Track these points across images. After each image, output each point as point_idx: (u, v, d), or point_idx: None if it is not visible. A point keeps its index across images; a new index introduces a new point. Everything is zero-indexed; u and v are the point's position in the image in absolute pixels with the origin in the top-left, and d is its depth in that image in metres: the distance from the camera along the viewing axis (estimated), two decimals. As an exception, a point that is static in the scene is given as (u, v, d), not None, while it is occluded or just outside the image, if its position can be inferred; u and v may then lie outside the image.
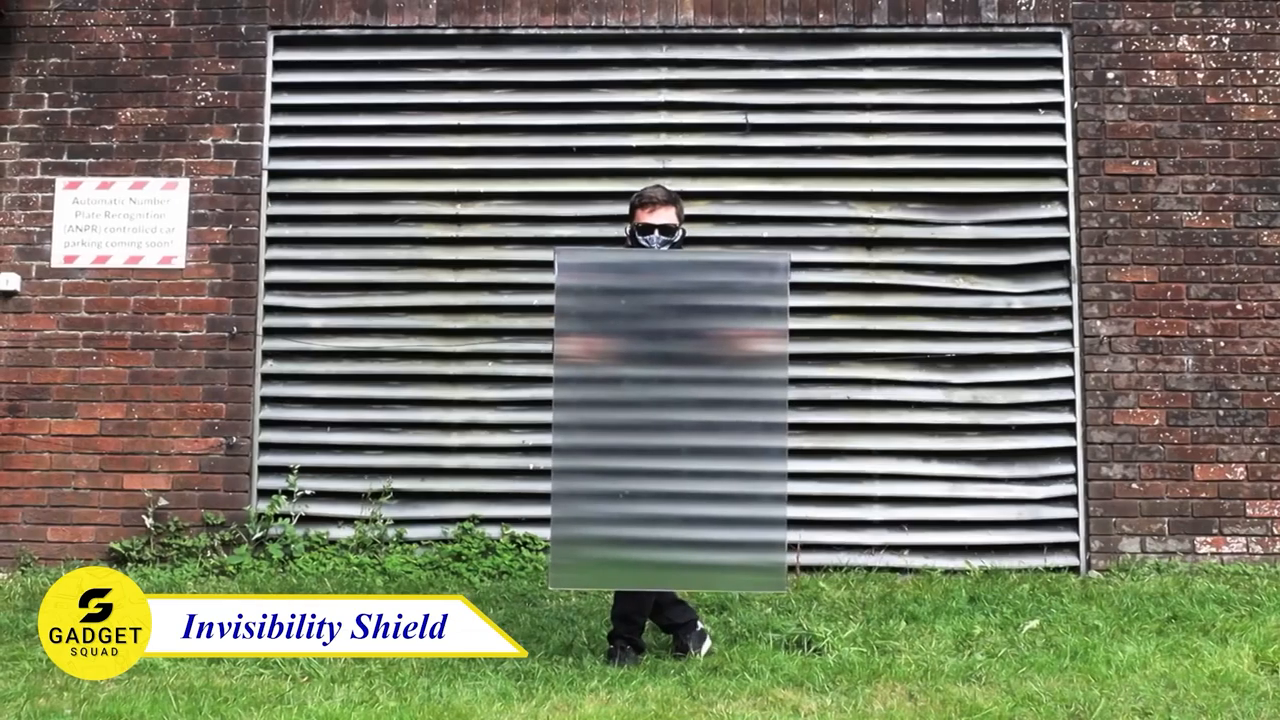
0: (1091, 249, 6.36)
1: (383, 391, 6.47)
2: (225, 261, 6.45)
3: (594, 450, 4.30)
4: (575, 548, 4.29)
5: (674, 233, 4.60)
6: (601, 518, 4.26)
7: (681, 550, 4.29)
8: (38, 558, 6.29)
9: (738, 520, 4.29)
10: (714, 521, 4.28)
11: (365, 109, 6.59)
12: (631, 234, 4.64)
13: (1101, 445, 6.28)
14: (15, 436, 6.38)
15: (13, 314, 6.42)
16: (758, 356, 4.38)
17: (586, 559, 4.30)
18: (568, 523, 4.27)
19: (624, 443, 4.31)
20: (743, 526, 4.29)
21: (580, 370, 4.31)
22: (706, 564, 4.32)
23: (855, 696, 4.15)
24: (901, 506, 6.34)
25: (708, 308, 4.38)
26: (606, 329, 4.31)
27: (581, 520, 4.27)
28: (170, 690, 4.18)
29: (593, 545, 4.29)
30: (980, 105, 6.49)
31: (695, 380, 4.33)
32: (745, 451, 4.35)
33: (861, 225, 6.46)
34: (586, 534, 4.28)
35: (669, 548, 4.28)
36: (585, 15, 6.50)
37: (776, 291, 4.36)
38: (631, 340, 4.31)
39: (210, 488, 6.35)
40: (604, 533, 4.27)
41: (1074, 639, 4.83)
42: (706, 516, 4.28)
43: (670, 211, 4.62)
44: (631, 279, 4.36)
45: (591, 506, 4.26)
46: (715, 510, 4.29)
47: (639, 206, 4.64)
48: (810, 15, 6.48)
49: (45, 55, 6.56)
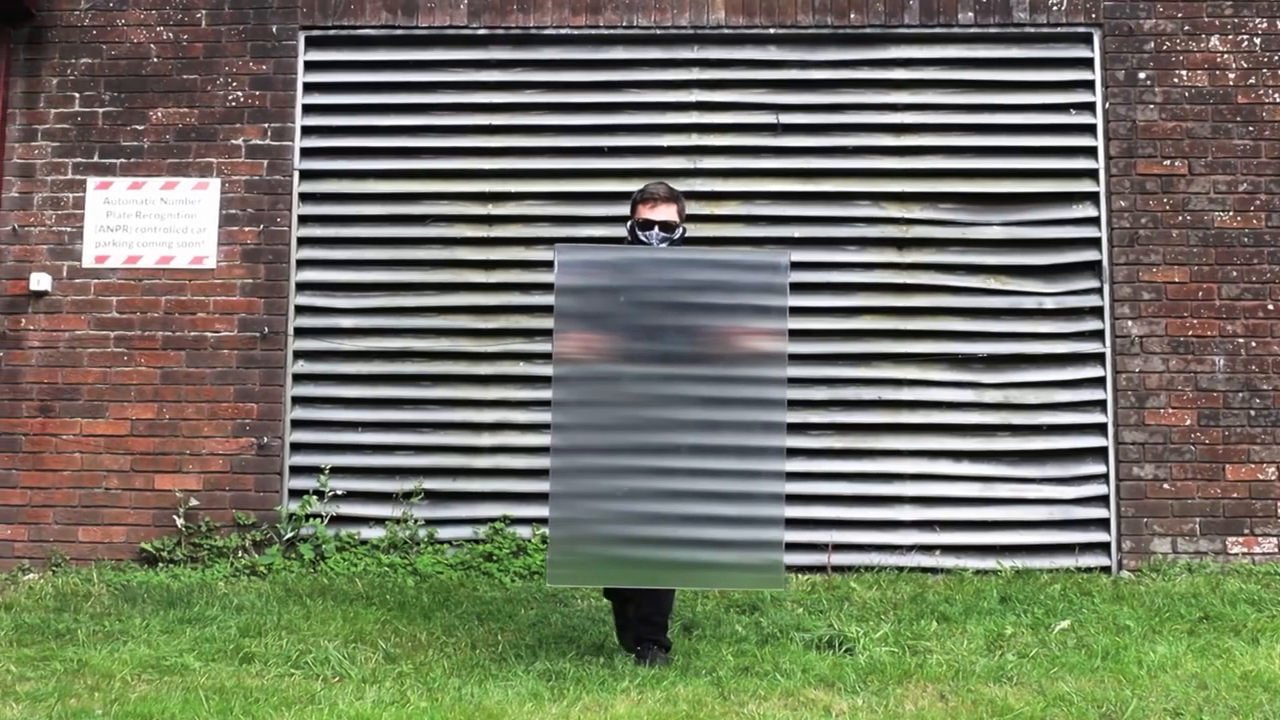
0: (1123, 249, 6.35)
1: (414, 392, 6.46)
2: (256, 261, 6.45)
3: (592, 449, 4.30)
4: (574, 545, 4.29)
5: (674, 229, 4.60)
6: (600, 516, 4.27)
7: (680, 549, 4.28)
8: (69, 558, 6.29)
9: (736, 519, 4.29)
10: (712, 520, 4.28)
11: (396, 109, 6.59)
12: (632, 230, 4.64)
13: (1133, 445, 6.27)
14: (46, 437, 6.38)
15: (44, 314, 6.43)
16: (757, 355, 4.36)
17: (585, 557, 4.30)
18: (566, 522, 4.27)
19: (623, 441, 4.30)
20: (741, 525, 4.29)
21: (579, 369, 4.30)
22: (705, 562, 4.32)
23: (886, 697, 4.15)
24: (933, 507, 6.34)
25: (707, 306, 4.36)
26: (606, 327, 4.31)
27: (580, 519, 4.28)
28: (201, 690, 4.19)
29: (591, 543, 4.29)
30: (1012, 105, 6.49)
31: (694, 379, 4.33)
32: (744, 450, 4.34)
33: (893, 225, 6.46)
34: (585, 532, 4.28)
35: (667, 546, 4.28)
36: (616, 15, 6.50)
37: (776, 290, 4.36)
38: (631, 338, 4.31)
39: (241, 488, 6.35)
40: (603, 531, 4.27)
41: (1105, 639, 4.83)
42: (705, 515, 4.28)
43: (671, 208, 4.62)
44: (630, 277, 4.36)
45: (590, 504, 4.27)
46: (714, 509, 4.29)
47: (640, 202, 4.64)
48: (841, 15, 6.48)
49: (76, 55, 6.56)
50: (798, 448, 6.34)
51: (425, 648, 4.78)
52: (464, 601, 5.53)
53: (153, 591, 5.74)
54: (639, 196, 4.67)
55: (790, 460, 6.23)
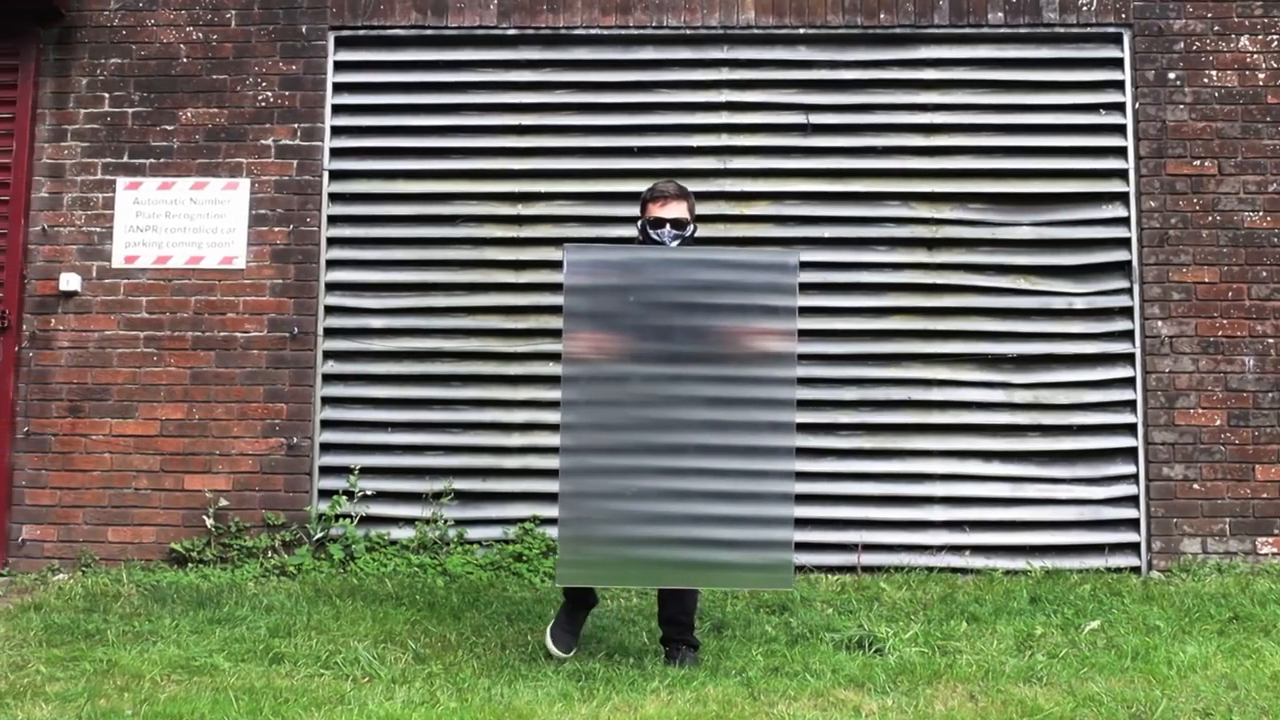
0: (1153, 249, 6.35)
1: (443, 392, 6.46)
2: (286, 262, 6.45)
3: (602, 449, 4.29)
4: (583, 545, 4.29)
5: (685, 227, 4.60)
6: (609, 515, 4.26)
7: (689, 548, 4.28)
8: (98, 558, 6.28)
9: (745, 519, 4.28)
10: (721, 520, 4.27)
11: (426, 109, 6.58)
12: (642, 228, 4.64)
13: (1163, 446, 6.27)
14: (76, 437, 6.38)
15: (73, 314, 6.42)
16: (766, 355, 4.35)
17: (594, 556, 4.30)
18: (575, 521, 4.27)
19: (631, 441, 4.29)
20: (750, 525, 4.28)
21: (588, 369, 4.29)
22: (713, 562, 4.31)
23: (916, 697, 4.15)
24: (963, 507, 6.34)
25: (716, 305, 4.35)
26: (614, 327, 4.30)
27: (589, 518, 4.27)
28: (231, 691, 4.19)
29: (601, 543, 4.28)
30: (1041, 105, 6.49)
31: (703, 379, 4.32)
32: (753, 450, 4.32)
33: (922, 226, 6.46)
34: (594, 532, 4.28)
35: (676, 545, 4.28)
36: (646, 15, 6.50)
37: (785, 290, 4.33)
38: (639, 338, 4.30)
39: (271, 488, 6.35)
40: (612, 530, 4.26)
41: (1135, 639, 4.83)
42: (714, 515, 4.27)
43: (682, 206, 4.61)
44: (639, 277, 4.34)
45: (599, 504, 4.26)
46: (722, 509, 4.28)
47: (650, 200, 4.63)
48: (871, 15, 6.47)
49: (106, 55, 6.55)
50: (828, 448, 6.37)
51: (455, 648, 4.78)
52: (494, 602, 5.52)
53: (182, 592, 5.74)
54: (649, 195, 4.66)
55: (820, 460, 6.36)
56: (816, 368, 6.39)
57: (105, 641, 4.90)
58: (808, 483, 6.31)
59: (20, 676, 4.42)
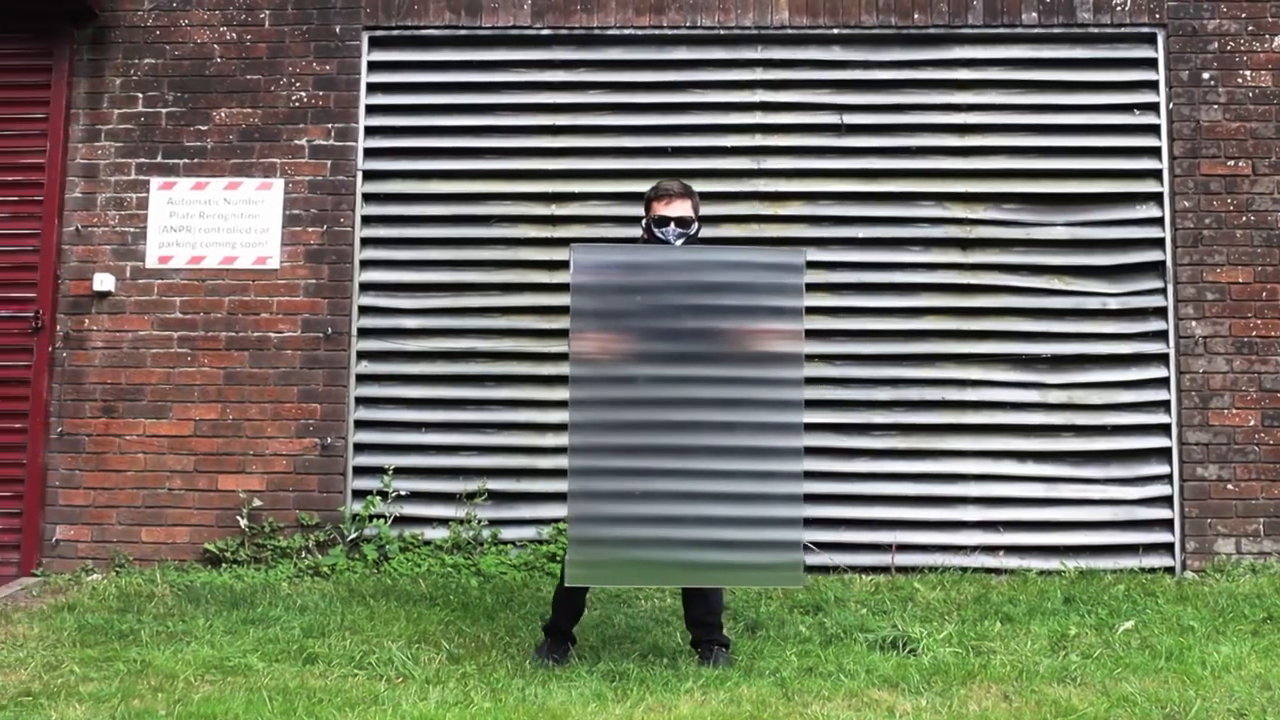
0: (1186, 249, 6.35)
1: (477, 392, 6.46)
2: (320, 262, 6.45)
3: (609, 449, 4.28)
4: (592, 545, 4.28)
5: (690, 225, 4.59)
6: (618, 516, 4.26)
7: (698, 549, 4.28)
8: (132, 558, 6.28)
9: (753, 520, 4.28)
10: (729, 522, 4.27)
11: (460, 109, 6.58)
12: (647, 226, 4.63)
13: (1197, 446, 6.27)
14: (110, 437, 6.38)
15: (107, 314, 6.42)
16: (772, 356, 4.34)
17: (604, 556, 4.29)
18: (585, 521, 4.26)
19: (639, 442, 4.30)
20: (758, 526, 4.28)
21: (595, 369, 4.28)
22: (723, 563, 4.31)
23: (950, 697, 4.15)
24: (997, 507, 6.33)
25: (722, 305, 4.34)
26: (621, 327, 4.29)
27: (598, 519, 4.26)
28: (265, 691, 4.19)
29: (610, 543, 4.28)
30: (1075, 106, 6.49)
31: (710, 380, 4.31)
32: (760, 451, 4.31)
33: (956, 226, 6.45)
34: (603, 533, 4.27)
35: (685, 546, 4.27)
36: (680, 15, 6.49)
37: (791, 290, 4.32)
38: (646, 338, 4.29)
39: (305, 488, 6.35)
40: (621, 531, 4.26)
41: (1169, 640, 4.83)
42: (722, 516, 4.27)
43: (686, 204, 4.61)
44: (645, 277, 4.33)
45: (608, 504, 4.26)
46: (731, 510, 4.27)
47: (655, 199, 4.63)
48: (905, 15, 6.47)
49: (140, 55, 6.56)
50: (862, 448, 6.37)
51: (489, 648, 4.78)
52: (527, 602, 5.52)
53: (216, 592, 5.74)
54: (653, 194, 4.66)
55: (854, 461, 6.36)
56: (851, 368, 6.39)
57: (139, 642, 4.90)
58: (842, 483, 6.36)
59: (54, 676, 4.43)
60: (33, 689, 4.27)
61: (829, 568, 6.21)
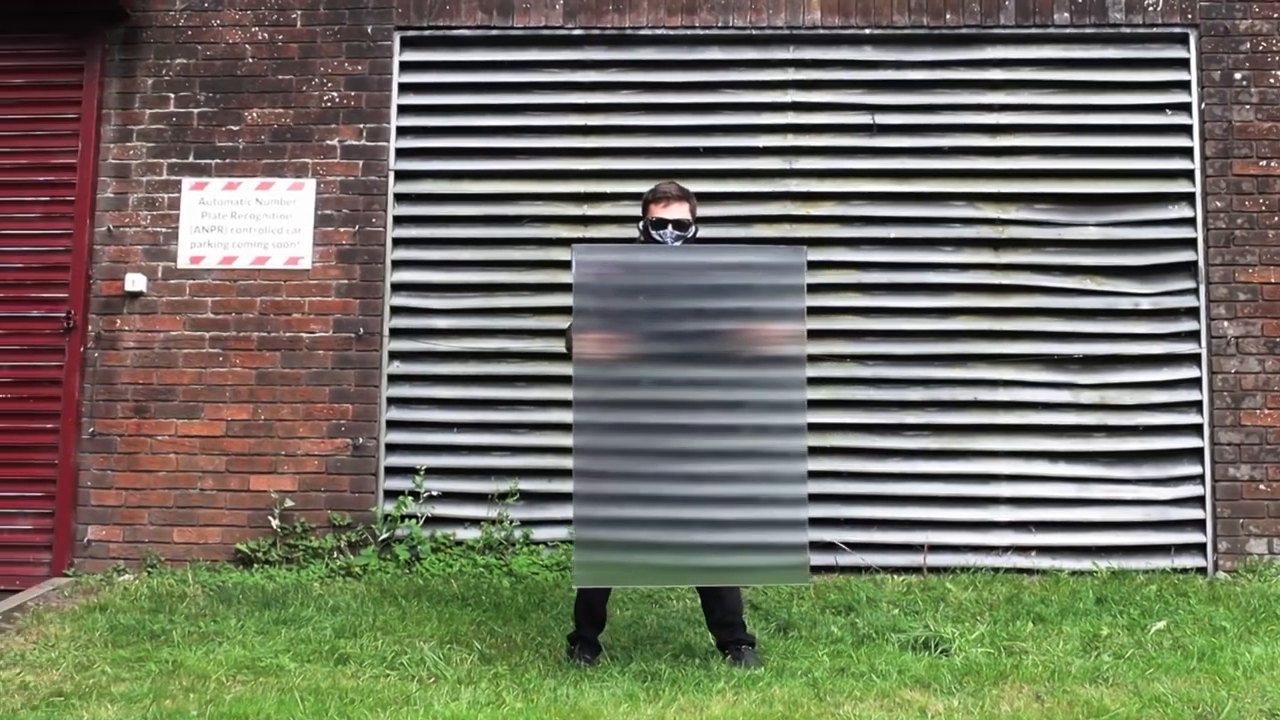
0: (1219, 249, 6.34)
1: (509, 392, 6.46)
2: (352, 262, 6.45)
3: (614, 450, 4.27)
4: (598, 546, 4.27)
5: (687, 228, 4.59)
6: (623, 517, 4.25)
7: (702, 552, 4.28)
8: (164, 559, 6.28)
9: (757, 522, 4.27)
10: (733, 524, 4.26)
11: (491, 109, 6.58)
12: (645, 229, 4.63)
13: (1229, 446, 6.26)
14: (142, 438, 6.38)
15: (139, 315, 6.42)
16: (775, 357, 4.32)
17: (610, 557, 4.29)
18: (591, 522, 4.25)
19: (643, 443, 4.28)
20: (763, 528, 4.27)
21: (598, 370, 4.27)
22: (728, 566, 4.31)
23: (982, 698, 4.15)
24: (1029, 508, 6.33)
25: (724, 306, 4.33)
26: (623, 327, 4.28)
27: (604, 520, 4.26)
28: (296, 691, 4.19)
29: (615, 544, 4.27)
30: (1107, 106, 6.48)
31: (713, 381, 4.30)
32: (763, 453, 4.31)
33: (988, 226, 6.45)
34: (609, 534, 4.26)
35: (690, 548, 4.27)
36: (712, 16, 6.49)
37: (793, 290, 4.30)
38: (648, 339, 4.28)
39: (336, 489, 6.35)
40: (626, 532, 4.25)
41: (1201, 640, 4.82)
42: (726, 519, 4.26)
43: (684, 207, 4.60)
44: (647, 277, 4.33)
45: (613, 505, 4.25)
46: (735, 513, 4.27)
47: (652, 201, 4.63)
48: (937, 16, 6.47)
49: (171, 56, 6.56)
50: (894, 448, 6.38)
51: (520, 649, 4.78)
52: (559, 602, 5.51)
53: (248, 592, 5.73)
54: (650, 196, 4.66)
55: (886, 461, 6.36)
56: (883, 368, 6.39)
57: (170, 642, 4.90)
58: (874, 483, 6.36)
59: (86, 677, 4.43)
60: (64, 689, 4.28)
61: (861, 568, 6.21)
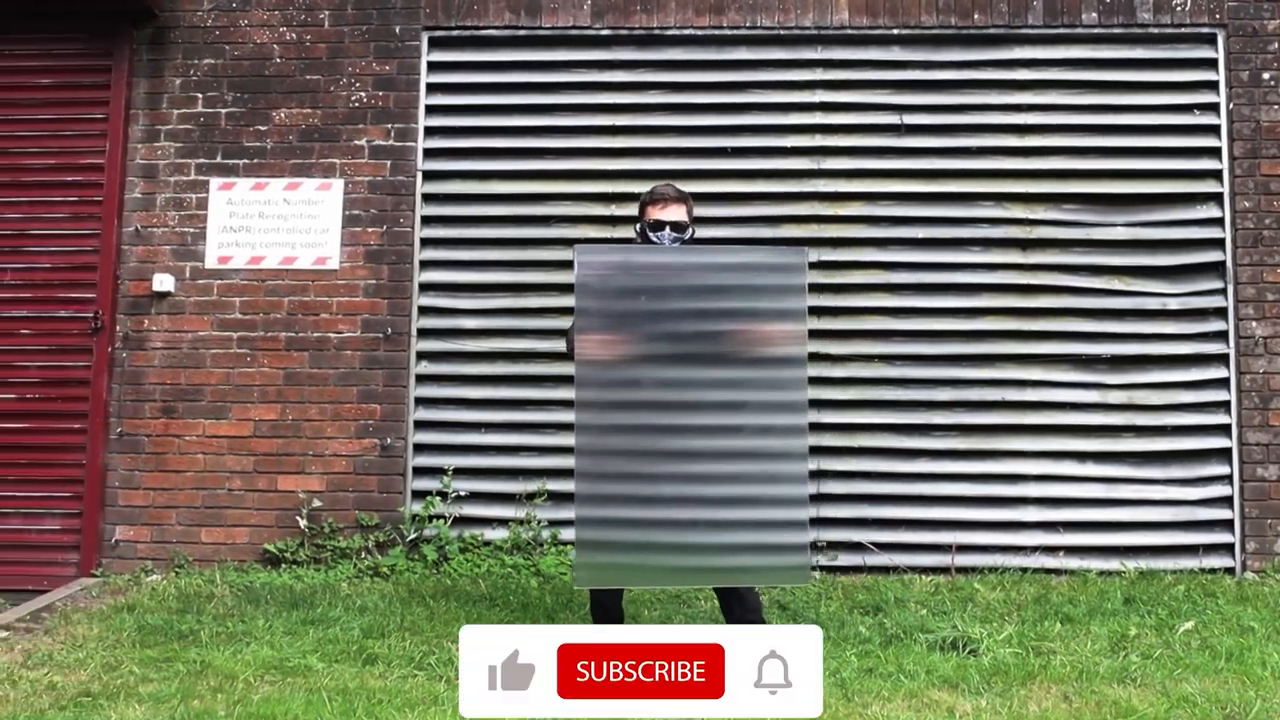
0: (1247, 250, 6.34)
1: (537, 393, 6.45)
2: (380, 262, 6.44)
3: (615, 451, 4.22)
4: (600, 546, 4.23)
5: (684, 230, 4.60)
6: (624, 519, 4.21)
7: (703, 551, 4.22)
8: (192, 559, 6.28)
9: (758, 523, 4.21)
10: (735, 524, 4.21)
11: (520, 109, 6.57)
12: (641, 231, 4.63)
13: (1257, 446, 6.26)
14: (170, 438, 6.38)
15: (167, 315, 6.42)
16: (776, 357, 4.30)
17: (610, 558, 4.24)
18: (592, 523, 4.21)
19: (644, 444, 4.23)
20: (764, 529, 4.21)
21: (599, 371, 4.25)
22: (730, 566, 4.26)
23: (1010, 698, 4.16)
24: (1056, 508, 6.33)
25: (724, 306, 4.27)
26: (624, 328, 4.24)
27: (604, 520, 4.21)
28: (324, 691, 4.20)
29: (617, 544, 4.23)
30: (1135, 106, 6.47)
31: (714, 382, 4.26)
32: (765, 454, 4.25)
33: (1016, 226, 6.44)
34: (610, 534, 4.22)
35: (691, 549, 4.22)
36: (740, 16, 6.49)
37: (794, 290, 4.24)
38: (649, 339, 4.23)
39: (364, 489, 6.34)
40: (627, 535, 4.21)
41: (1229, 640, 4.83)
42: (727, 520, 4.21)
43: (681, 209, 4.61)
44: (648, 277, 4.28)
45: (614, 506, 4.20)
46: (736, 514, 4.21)
47: (649, 203, 4.63)
48: (965, 16, 6.47)
49: (199, 56, 6.56)
50: (922, 449, 6.37)
51: (549, 648, 4.78)
52: (587, 603, 5.49)
53: (276, 592, 5.73)
54: (647, 198, 4.67)
55: (914, 461, 6.36)
56: (911, 368, 6.39)
57: (198, 642, 4.90)
58: (902, 484, 6.35)
59: (114, 677, 4.44)
60: (92, 689, 4.29)
61: (889, 568, 6.21)
